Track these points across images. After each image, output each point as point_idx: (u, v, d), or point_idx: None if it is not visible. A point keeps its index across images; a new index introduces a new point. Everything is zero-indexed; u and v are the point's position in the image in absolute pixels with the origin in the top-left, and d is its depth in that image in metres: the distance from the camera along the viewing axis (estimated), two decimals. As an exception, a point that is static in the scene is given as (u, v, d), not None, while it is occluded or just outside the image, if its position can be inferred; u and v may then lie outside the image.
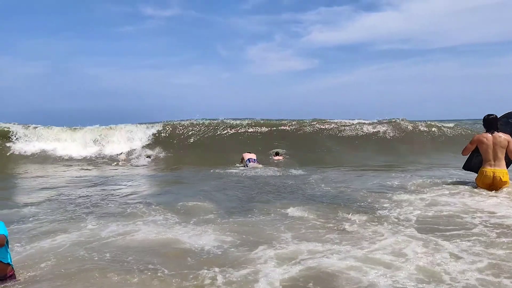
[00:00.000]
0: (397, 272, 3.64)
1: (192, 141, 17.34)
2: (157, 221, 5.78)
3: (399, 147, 17.61)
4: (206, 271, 3.81)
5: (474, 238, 4.62)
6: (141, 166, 14.40)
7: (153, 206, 6.73)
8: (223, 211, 6.45)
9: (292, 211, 6.23)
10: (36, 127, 17.20)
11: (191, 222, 5.70)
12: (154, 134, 17.23)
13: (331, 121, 19.67)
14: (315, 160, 15.09)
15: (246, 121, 18.64)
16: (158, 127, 17.92)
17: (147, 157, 15.46)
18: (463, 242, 4.44)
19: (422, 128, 19.66)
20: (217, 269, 3.84)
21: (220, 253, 4.40)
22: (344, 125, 19.40)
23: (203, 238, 4.90)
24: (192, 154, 16.01)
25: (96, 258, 4.24)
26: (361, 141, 18.38)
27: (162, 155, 15.89)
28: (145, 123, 18.34)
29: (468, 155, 7.91)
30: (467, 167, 8.12)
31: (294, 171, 11.50)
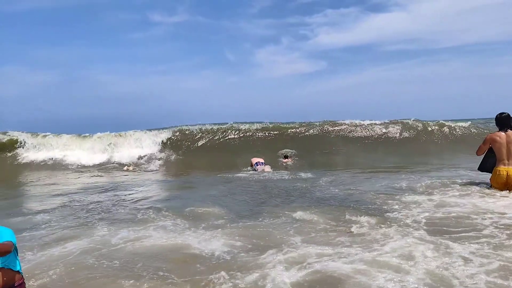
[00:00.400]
0: (406, 276, 3.63)
1: (201, 145, 17.41)
2: (167, 227, 5.83)
3: (409, 148, 17.50)
4: (215, 276, 3.85)
5: (483, 240, 4.58)
6: (151, 171, 14.51)
7: (163, 212, 6.79)
8: (232, 215, 6.48)
9: (301, 214, 6.23)
10: (46, 135, 17.42)
11: (201, 227, 5.74)
12: (163, 140, 17.32)
13: (341, 122, 19.54)
14: (324, 162, 15.05)
15: (255, 125, 18.64)
16: (167, 132, 18.01)
17: (157, 159, 15.65)
18: (472, 244, 4.41)
19: (433, 128, 19.41)
20: (226, 275, 3.86)
21: (229, 258, 4.42)
22: (354, 126, 19.27)
23: (212, 243, 4.93)
24: (201, 159, 16.08)
25: (105, 265, 4.29)
26: (371, 142, 18.30)
27: (171, 160, 16.01)
28: (156, 129, 18.42)
29: (483, 155, 7.80)
30: (482, 168, 7.90)
31: (303, 174, 11.48)
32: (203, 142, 17.43)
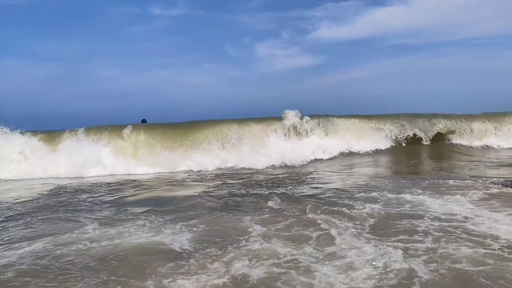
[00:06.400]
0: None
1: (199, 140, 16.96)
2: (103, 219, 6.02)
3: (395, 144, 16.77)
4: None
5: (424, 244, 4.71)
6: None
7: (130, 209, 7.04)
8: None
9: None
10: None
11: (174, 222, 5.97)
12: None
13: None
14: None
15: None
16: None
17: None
18: (403, 244, 4.68)
19: (425, 122, 17.57)
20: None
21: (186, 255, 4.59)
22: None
23: (180, 238, 5.20)
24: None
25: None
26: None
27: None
28: (157, 123, 17.80)
29: None
30: None
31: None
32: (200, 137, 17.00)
